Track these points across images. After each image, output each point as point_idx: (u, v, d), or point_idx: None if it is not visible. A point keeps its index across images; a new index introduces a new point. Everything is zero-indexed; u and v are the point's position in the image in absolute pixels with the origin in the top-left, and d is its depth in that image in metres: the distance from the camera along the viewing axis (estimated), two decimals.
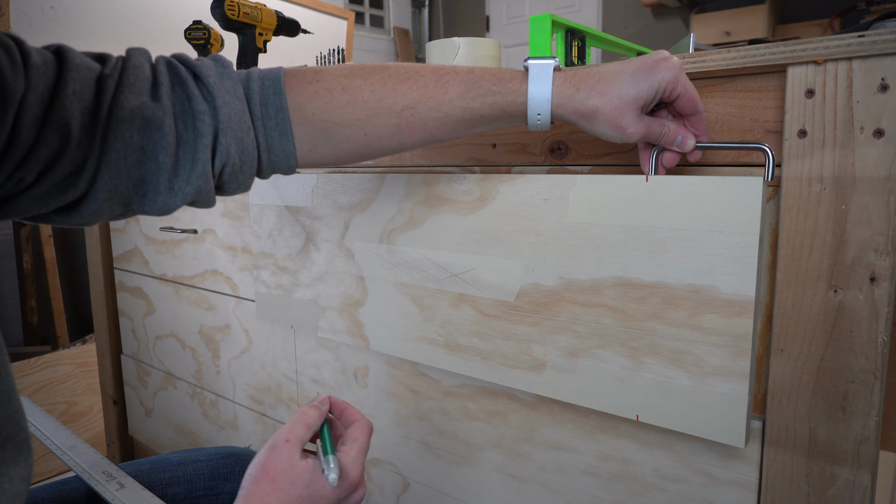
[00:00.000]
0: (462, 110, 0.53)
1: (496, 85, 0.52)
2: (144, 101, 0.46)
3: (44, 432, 0.84)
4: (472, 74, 0.53)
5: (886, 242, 0.46)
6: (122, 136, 0.45)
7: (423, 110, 0.53)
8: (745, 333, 0.51)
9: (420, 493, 0.84)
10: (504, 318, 0.67)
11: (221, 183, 0.52)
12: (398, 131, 0.53)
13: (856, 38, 0.45)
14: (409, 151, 0.78)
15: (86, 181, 0.44)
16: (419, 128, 0.53)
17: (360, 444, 0.51)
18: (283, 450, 0.49)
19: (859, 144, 0.46)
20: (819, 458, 0.51)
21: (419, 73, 0.53)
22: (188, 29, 1.23)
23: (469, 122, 0.54)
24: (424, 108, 0.53)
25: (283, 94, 0.52)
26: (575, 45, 0.69)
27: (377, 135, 0.53)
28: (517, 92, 0.52)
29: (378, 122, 0.53)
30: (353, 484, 0.50)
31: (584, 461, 0.66)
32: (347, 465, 0.50)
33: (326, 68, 0.54)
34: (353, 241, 0.80)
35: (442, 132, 0.54)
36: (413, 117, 0.53)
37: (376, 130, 0.53)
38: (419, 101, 0.52)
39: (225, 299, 1.10)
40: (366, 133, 0.53)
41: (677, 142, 0.53)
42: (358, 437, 0.52)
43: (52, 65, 0.42)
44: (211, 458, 0.79)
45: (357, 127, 0.53)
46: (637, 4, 3.93)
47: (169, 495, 0.74)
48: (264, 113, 0.52)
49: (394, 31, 4.90)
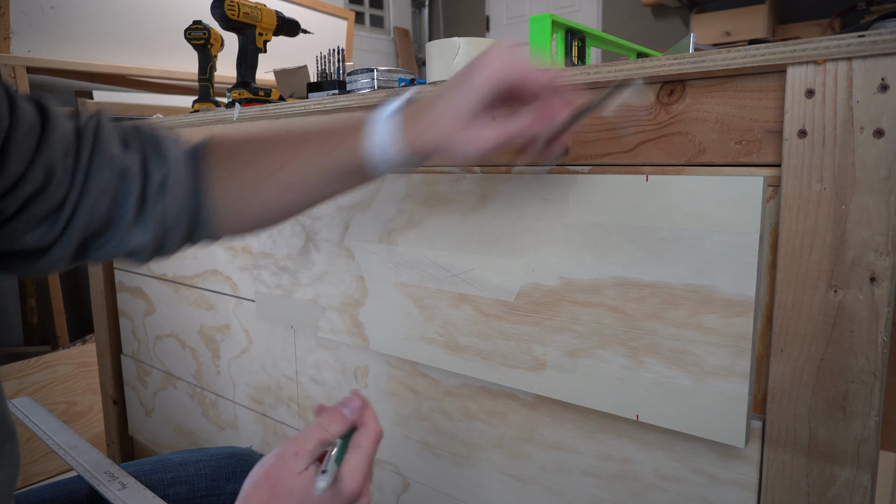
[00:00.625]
0: (321, 167, 0.54)
1: (347, 135, 0.53)
2: (119, 150, 0.50)
3: (46, 432, 0.84)
4: (332, 126, 0.55)
5: (886, 242, 0.46)
6: (101, 181, 0.49)
7: (294, 169, 0.54)
8: (745, 333, 0.51)
9: (420, 493, 0.84)
10: (504, 318, 0.67)
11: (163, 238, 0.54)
12: (280, 192, 0.55)
13: (856, 38, 0.45)
14: None
15: (62, 222, 0.47)
16: (297, 188, 0.55)
17: (363, 452, 0.49)
18: (289, 461, 0.48)
19: (859, 144, 0.46)
20: (819, 458, 0.51)
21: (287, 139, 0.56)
22: (188, 29, 1.23)
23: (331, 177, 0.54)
24: (295, 168, 0.54)
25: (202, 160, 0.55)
26: (575, 45, 0.69)
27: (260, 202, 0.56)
28: (361, 136, 0.52)
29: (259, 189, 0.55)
30: (351, 493, 0.48)
31: (584, 461, 0.66)
32: (345, 476, 0.48)
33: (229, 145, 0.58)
34: (353, 241, 0.80)
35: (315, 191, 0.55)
36: (290, 175, 0.54)
37: (259, 198, 0.56)
38: (291, 159, 0.54)
39: (225, 299, 1.10)
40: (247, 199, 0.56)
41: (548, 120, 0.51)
42: (362, 443, 0.50)
43: (36, 111, 0.46)
44: (212, 459, 0.79)
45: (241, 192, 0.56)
46: (637, 4, 3.93)
47: (171, 495, 0.74)
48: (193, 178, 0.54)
49: (394, 31, 4.90)
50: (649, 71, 0.55)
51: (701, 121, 0.56)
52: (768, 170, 0.52)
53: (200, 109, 1.19)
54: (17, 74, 1.71)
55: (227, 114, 1.00)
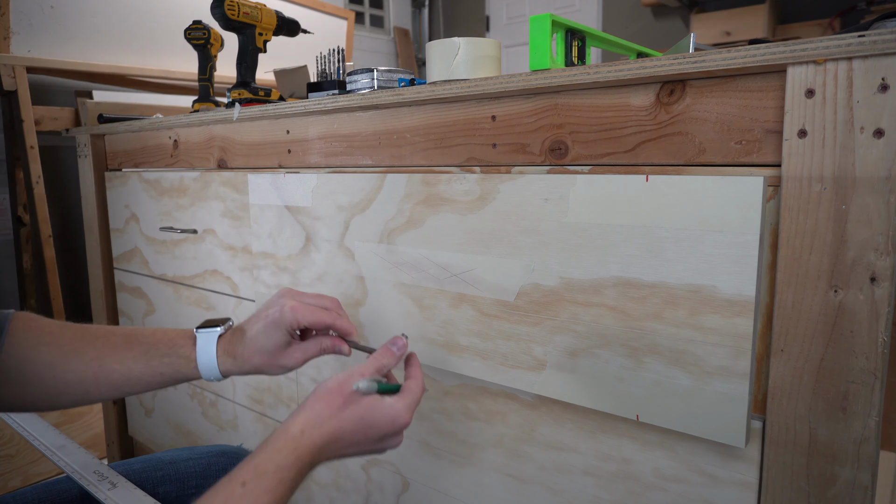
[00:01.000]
0: (143, 366, 0.62)
1: (171, 349, 0.63)
2: None
3: (32, 433, 0.84)
4: (153, 337, 0.64)
5: (887, 242, 0.46)
6: None
7: (109, 362, 0.61)
8: (746, 333, 0.51)
9: (420, 493, 0.83)
10: (504, 318, 0.67)
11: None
12: (84, 377, 0.61)
13: (856, 38, 0.45)
14: (408, 152, 0.78)
15: None
16: (104, 378, 0.61)
17: (414, 398, 0.56)
18: (356, 379, 0.55)
19: (859, 144, 0.46)
20: (819, 458, 0.51)
21: (113, 333, 0.64)
22: (188, 29, 1.23)
23: (150, 379, 0.63)
24: (111, 360, 0.62)
25: (8, 320, 0.60)
26: (575, 45, 0.69)
27: (65, 379, 0.60)
28: (188, 357, 0.63)
29: (67, 367, 0.60)
30: (403, 424, 0.54)
31: (584, 461, 0.66)
32: (401, 410, 0.54)
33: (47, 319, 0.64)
34: (353, 241, 0.80)
35: (125, 386, 0.62)
36: (100, 367, 0.61)
37: (64, 374, 0.60)
38: (108, 354, 0.62)
39: (225, 299, 1.10)
40: (55, 374, 0.60)
41: (337, 349, 0.65)
42: (415, 390, 0.57)
43: None
44: (203, 457, 0.79)
45: (49, 366, 0.60)
46: (637, 4, 3.93)
47: (161, 494, 0.74)
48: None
49: (394, 31, 4.90)
50: (649, 71, 0.55)
51: (701, 121, 0.56)
52: (768, 170, 0.52)
53: (200, 109, 1.19)
54: (17, 74, 1.71)
55: (227, 114, 1.00)
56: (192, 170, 1.13)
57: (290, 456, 0.48)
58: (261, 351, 0.63)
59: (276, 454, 0.48)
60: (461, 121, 0.72)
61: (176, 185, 1.15)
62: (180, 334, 0.65)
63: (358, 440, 0.53)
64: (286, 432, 0.50)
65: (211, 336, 0.63)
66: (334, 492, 0.96)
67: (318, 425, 0.51)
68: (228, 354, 0.63)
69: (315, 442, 0.50)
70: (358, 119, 0.83)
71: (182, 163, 1.15)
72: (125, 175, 1.28)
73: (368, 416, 0.53)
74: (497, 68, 0.76)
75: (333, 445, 0.52)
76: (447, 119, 0.74)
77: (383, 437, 0.54)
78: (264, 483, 0.46)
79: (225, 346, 0.64)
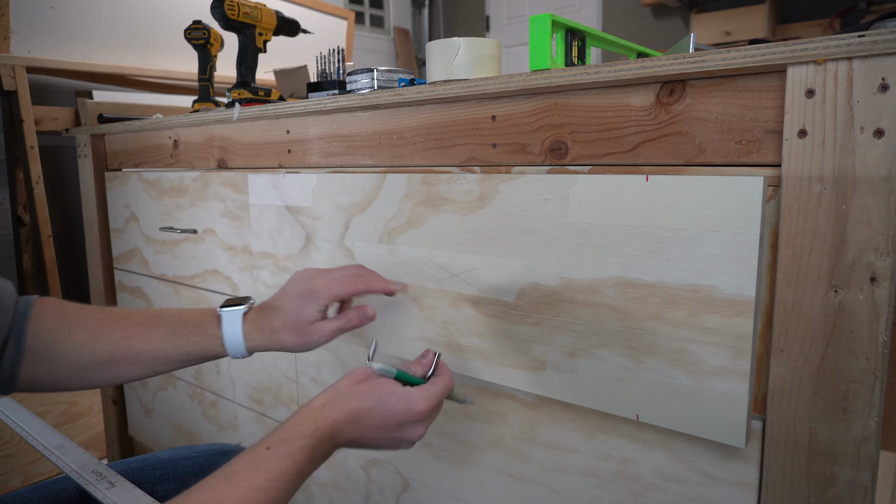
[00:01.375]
0: (170, 346, 0.63)
1: (198, 328, 0.64)
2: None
3: (31, 433, 0.84)
4: (179, 317, 0.65)
5: (887, 242, 0.46)
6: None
7: (136, 342, 0.63)
8: (746, 333, 0.51)
9: (420, 493, 0.84)
10: (504, 318, 0.67)
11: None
12: (113, 357, 0.62)
13: (856, 38, 0.45)
14: (408, 152, 0.78)
15: None
16: (133, 358, 0.63)
17: (435, 390, 0.57)
18: None
19: (859, 144, 0.46)
20: (819, 458, 0.51)
21: (138, 314, 0.65)
22: (188, 29, 1.23)
23: (178, 358, 0.64)
24: (138, 341, 0.63)
25: (31, 305, 0.61)
26: (575, 44, 0.69)
27: (94, 359, 0.62)
28: (215, 335, 0.64)
29: (95, 347, 0.61)
30: (419, 413, 0.54)
31: (584, 461, 0.66)
32: (417, 398, 0.55)
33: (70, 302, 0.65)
34: (353, 241, 0.80)
35: (154, 364, 0.64)
36: (128, 347, 0.62)
37: (93, 355, 0.61)
38: (135, 334, 0.63)
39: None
40: (84, 355, 0.61)
41: (364, 317, 0.66)
42: (437, 383, 0.58)
43: None
44: (201, 455, 0.79)
45: (78, 347, 0.61)
46: (637, 4, 3.93)
47: (159, 492, 0.74)
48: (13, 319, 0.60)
49: (394, 31, 4.90)
50: (649, 71, 0.55)
51: (701, 121, 0.56)
52: (768, 170, 0.52)
53: (200, 109, 1.19)
54: (17, 74, 1.71)
55: (227, 114, 1.00)
56: (192, 170, 1.13)
57: (311, 426, 0.51)
58: (292, 325, 0.64)
59: (298, 423, 0.51)
60: (461, 121, 0.72)
61: (176, 185, 1.15)
62: (205, 313, 0.66)
63: (377, 423, 0.54)
64: (309, 405, 0.53)
65: (236, 314, 0.65)
66: (334, 492, 0.96)
67: (338, 399, 0.54)
68: (256, 329, 0.64)
69: (334, 416, 0.53)
70: (358, 119, 0.83)
71: (182, 163, 1.15)
72: (125, 175, 1.28)
73: (385, 396, 0.54)
74: (497, 68, 0.76)
75: (353, 426, 0.53)
76: (447, 119, 0.74)
77: (401, 423, 0.55)
78: (286, 448, 0.49)
79: (252, 322, 0.65)
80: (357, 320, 0.66)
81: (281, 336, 0.64)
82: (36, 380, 0.61)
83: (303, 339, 0.64)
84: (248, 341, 0.64)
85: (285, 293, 0.67)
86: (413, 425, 0.55)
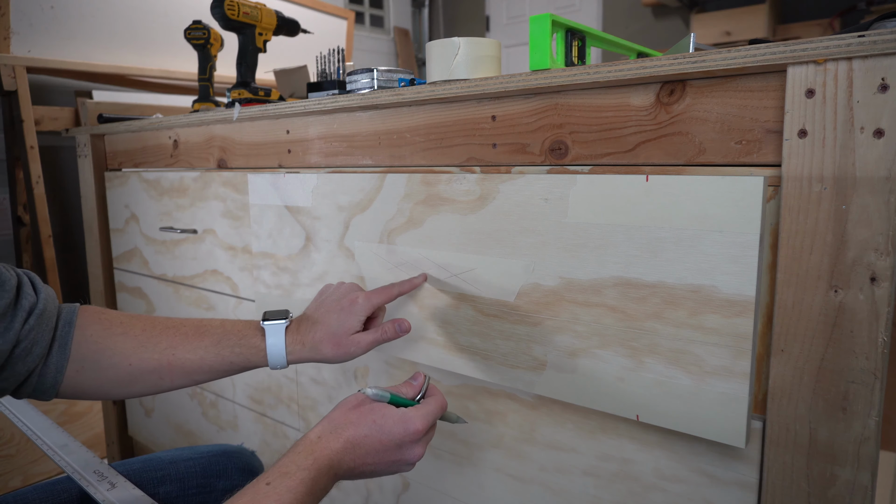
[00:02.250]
0: (215, 356, 0.65)
1: (242, 339, 0.66)
2: None
3: (35, 431, 0.84)
4: (223, 328, 0.66)
5: (887, 242, 0.46)
6: None
7: (182, 351, 0.64)
8: (746, 333, 0.51)
9: (420, 493, 0.83)
10: (504, 318, 0.67)
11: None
12: (159, 366, 0.63)
13: (856, 38, 0.45)
14: (408, 151, 0.78)
15: None
16: (178, 367, 0.64)
17: (430, 409, 0.57)
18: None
19: (859, 144, 0.46)
20: (819, 458, 0.51)
21: (182, 324, 0.66)
22: (188, 29, 1.23)
23: (221, 368, 0.65)
24: (183, 350, 0.64)
25: (75, 312, 0.62)
26: (575, 44, 0.69)
27: (140, 368, 0.63)
28: (258, 347, 0.66)
29: (142, 356, 0.63)
30: (415, 432, 0.55)
31: (584, 461, 0.66)
32: (414, 417, 0.55)
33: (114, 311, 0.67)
34: (353, 241, 0.80)
35: (197, 374, 0.65)
36: (173, 356, 0.64)
37: (140, 363, 0.63)
38: (179, 343, 0.64)
39: (225, 299, 1.10)
40: (130, 363, 0.62)
41: (399, 329, 0.67)
42: (430, 402, 0.59)
43: None
44: (203, 456, 0.79)
45: (124, 355, 0.62)
46: (637, 4, 3.93)
47: (161, 494, 0.74)
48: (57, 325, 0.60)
49: (394, 30, 4.89)
50: (649, 71, 0.55)
51: (701, 121, 0.56)
52: (768, 170, 0.52)
53: (200, 109, 1.19)
54: (17, 74, 1.71)
55: (227, 114, 1.00)
56: (192, 170, 1.13)
57: (309, 458, 0.51)
58: (332, 337, 0.66)
59: (296, 457, 0.51)
60: (461, 121, 0.72)
61: (176, 185, 1.15)
62: (248, 325, 0.68)
63: (375, 447, 0.54)
64: (305, 438, 0.54)
65: (279, 327, 0.66)
66: (334, 491, 0.96)
67: (333, 430, 0.54)
68: (297, 342, 0.66)
69: (332, 446, 0.53)
70: (358, 119, 0.83)
71: (182, 163, 1.15)
72: (125, 175, 1.28)
73: (380, 420, 0.54)
74: (497, 68, 0.76)
75: (352, 453, 0.53)
76: (447, 119, 0.74)
77: (399, 444, 0.55)
78: (286, 482, 0.49)
79: (293, 335, 0.67)
80: (393, 332, 0.67)
81: (321, 348, 0.66)
82: (79, 386, 0.61)
83: (341, 350, 0.66)
84: (290, 354, 0.66)
85: (323, 306, 0.69)
86: (411, 446, 0.55)
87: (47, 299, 0.60)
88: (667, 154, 0.58)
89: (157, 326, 0.65)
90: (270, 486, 0.48)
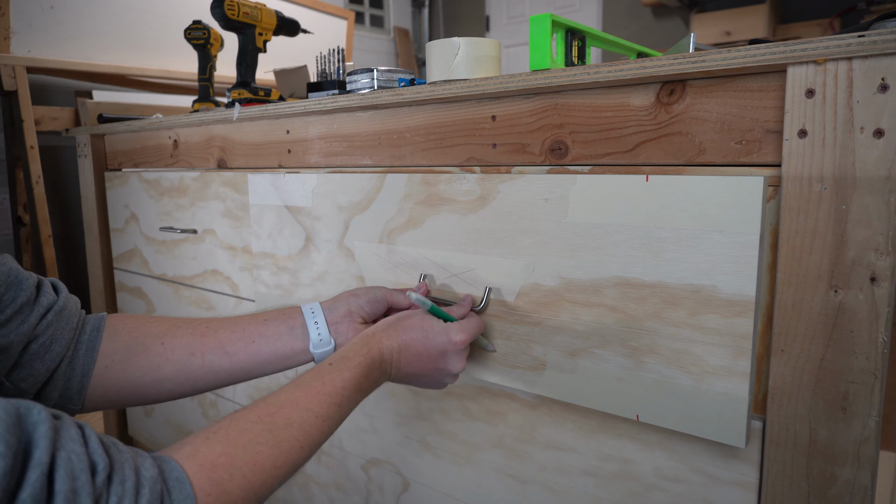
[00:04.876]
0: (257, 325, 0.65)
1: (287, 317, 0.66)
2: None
3: None
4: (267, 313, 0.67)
5: (887, 242, 0.46)
6: None
7: (217, 324, 0.64)
8: (746, 333, 0.51)
9: (420, 493, 0.83)
10: (504, 318, 0.67)
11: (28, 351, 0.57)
12: (192, 340, 0.63)
13: (856, 38, 0.45)
14: (408, 152, 0.78)
15: None
16: (212, 339, 0.63)
17: (470, 325, 0.63)
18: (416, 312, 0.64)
19: (859, 144, 0.46)
20: (819, 458, 0.51)
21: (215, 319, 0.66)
22: (188, 29, 1.23)
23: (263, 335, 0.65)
24: (218, 323, 0.64)
25: (103, 319, 0.62)
26: (575, 44, 0.69)
27: (173, 345, 0.62)
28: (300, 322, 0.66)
29: (175, 333, 0.63)
30: (456, 343, 0.61)
31: (584, 461, 0.66)
32: (454, 330, 0.61)
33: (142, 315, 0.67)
34: (353, 241, 0.80)
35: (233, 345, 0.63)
36: (207, 328, 0.64)
37: (173, 340, 0.62)
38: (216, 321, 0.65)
39: (225, 299, 1.10)
40: (163, 342, 0.62)
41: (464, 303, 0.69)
42: (472, 319, 0.64)
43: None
44: None
45: (157, 336, 0.62)
46: (637, 4, 3.93)
47: None
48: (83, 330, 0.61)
49: (394, 30, 4.90)
50: (649, 71, 0.55)
51: (701, 121, 0.56)
52: (768, 170, 0.52)
53: (200, 109, 1.19)
54: (17, 74, 1.71)
55: (227, 114, 1.00)
56: (192, 170, 1.13)
57: (365, 346, 0.58)
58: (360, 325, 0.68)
59: (354, 345, 0.58)
60: (461, 121, 0.72)
61: (176, 185, 1.15)
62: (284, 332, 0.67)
63: (420, 352, 0.60)
64: (363, 334, 0.61)
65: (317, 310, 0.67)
66: (334, 492, 0.96)
67: (386, 328, 0.61)
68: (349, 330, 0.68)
69: (384, 341, 0.59)
70: (358, 119, 0.83)
71: (182, 163, 1.15)
72: (125, 175, 1.28)
73: (427, 327, 0.61)
74: (497, 68, 0.76)
75: (400, 354, 0.60)
76: (447, 119, 0.74)
77: (442, 352, 0.61)
78: (347, 363, 0.55)
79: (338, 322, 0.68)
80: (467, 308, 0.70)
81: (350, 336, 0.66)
82: (107, 388, 0.60)
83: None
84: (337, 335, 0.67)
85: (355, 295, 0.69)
86: (453, 355, 0.61)
87: (68, 299, 0.60)
88: (667, 154, 0.58)
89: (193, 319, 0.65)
90: (332, 365, 0.54)
